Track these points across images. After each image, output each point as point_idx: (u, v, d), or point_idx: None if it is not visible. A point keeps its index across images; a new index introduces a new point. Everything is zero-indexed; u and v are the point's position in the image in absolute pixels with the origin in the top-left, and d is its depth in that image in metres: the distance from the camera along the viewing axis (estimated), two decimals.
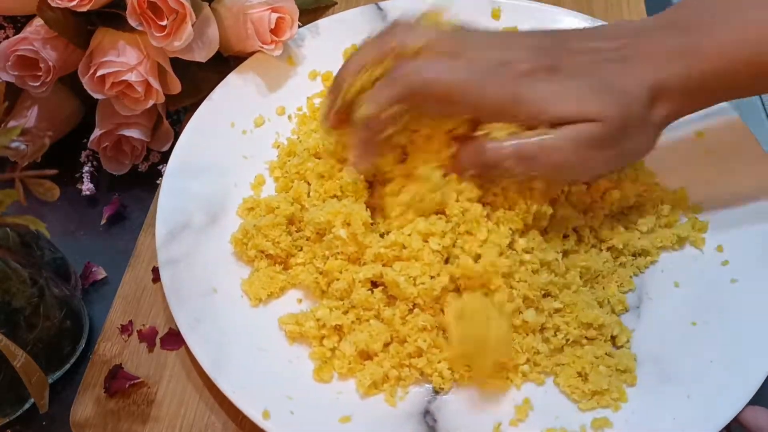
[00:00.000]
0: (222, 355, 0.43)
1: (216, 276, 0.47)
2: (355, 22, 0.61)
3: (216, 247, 0.49)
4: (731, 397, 0.41)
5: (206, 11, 0.53)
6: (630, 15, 0.66)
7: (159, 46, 0.50)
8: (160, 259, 0.46)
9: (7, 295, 0.40)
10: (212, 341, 0.44)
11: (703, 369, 0.43)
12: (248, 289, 0.47)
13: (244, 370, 0.43)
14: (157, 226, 0.48)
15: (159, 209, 0.49)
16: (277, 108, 0.57)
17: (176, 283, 0.46)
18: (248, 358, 0.44)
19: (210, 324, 0.44)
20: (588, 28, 0.46)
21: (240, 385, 0.42)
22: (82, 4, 0.48)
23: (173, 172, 0.51)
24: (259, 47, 0.55)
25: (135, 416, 0.44)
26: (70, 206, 0.56)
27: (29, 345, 0.42)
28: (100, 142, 0.54)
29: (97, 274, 0.52)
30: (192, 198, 0.50)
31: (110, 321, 0.48)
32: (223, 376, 0.42)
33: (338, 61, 0.59)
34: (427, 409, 0.42)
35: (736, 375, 0.42)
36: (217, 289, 0.47)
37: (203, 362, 0.42)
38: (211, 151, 0.53)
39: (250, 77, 0.57)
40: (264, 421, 0.40)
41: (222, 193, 0.51)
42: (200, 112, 0.54)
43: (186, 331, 0.43)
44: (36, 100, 0.54)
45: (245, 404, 0.41)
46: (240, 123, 0.55)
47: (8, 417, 0.44)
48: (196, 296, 0.46)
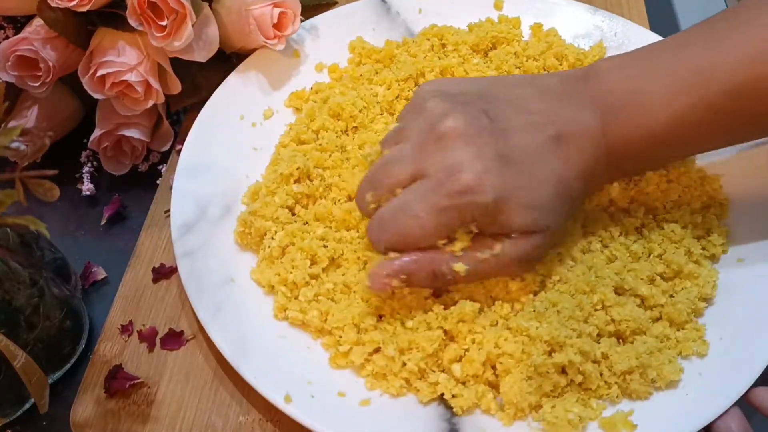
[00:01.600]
0: (242, 342, 0.43)
1: (232, 266, 0.48)
2: (360, 14, 0.62)
3: (231, 237, 0.49)
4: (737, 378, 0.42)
5: (206, 11, 0.53)
6: (630, 14, 0.66)
7: (159, 46, 0.50)
8: (177, 252, 0.47)
9: (7, 295, 0.40)
10: (232, 330, 0.44)
11: (715, 345, 0.43)
12: (258, 277, 0.47)
13: (264, 356, 0.43)
14: (172, 219, 0.48)
15: (173, 203, 0.49)
16: (285, 100, 0.57)
17: (194, 274, 0.46)
18: (268, 345, 0.44)
19: (229, 313, 0.45)
20: (515, 81, 0.47)
21: (262, 372, 0.42)
22: (82, 4, 0.48)
23: (185, 165, 0.51)
24: (262, 43, 0.55)
25: (135, 416, 0.44)
26: (70, 206, 0.56)
27: (29, 345, 0.42)
28: (100, 142, 0.54)
29: (97, 274, 0.52)
30: (205, 190, 0.50)
31: (110, 321, 0.48)
32: (244, 364, 0.42)
33: (344, 53, 0.60)
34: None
35: (742, 355, 0.42)
36: (235, 278, 0.47)
37: (225, 351, 0.43)
38: (221, 144, 0.53)
39: (258, 71, 0.57)
40: (286, 406, 0.40)
41: (234, 184, 0.51)
42: (209, 105, 0.55)
43: (207, 320, 0.44)
44: (36, 100, 0.54)
45: (267, 390, 0.41)
46: (249, 116, 0.56)
47: (8, 417, 0.44)
48: (215, 286, 0.46)
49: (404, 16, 0.63)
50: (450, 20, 0.61)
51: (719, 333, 0.44)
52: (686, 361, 0.43)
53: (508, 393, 0.41)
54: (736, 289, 0.46)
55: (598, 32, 0.61)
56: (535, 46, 0.58)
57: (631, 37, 0.60)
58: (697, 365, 0.43)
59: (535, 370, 0.40)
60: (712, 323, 0.45)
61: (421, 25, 0.61)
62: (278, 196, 0.48)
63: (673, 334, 0.44)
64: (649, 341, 0.43)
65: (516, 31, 0.60)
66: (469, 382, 0.42)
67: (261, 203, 0.48)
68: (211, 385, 0.45)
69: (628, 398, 0.42)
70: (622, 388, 0.42)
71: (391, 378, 0.42)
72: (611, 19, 0.61)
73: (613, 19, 0.61)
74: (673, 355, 0.43)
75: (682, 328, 0.44)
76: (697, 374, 0.42)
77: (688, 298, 0.44)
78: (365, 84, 0.57)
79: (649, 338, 0.43)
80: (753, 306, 0.45)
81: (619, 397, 0.42)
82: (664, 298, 0.45)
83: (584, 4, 0.62)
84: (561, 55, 0.58)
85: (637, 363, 0.41)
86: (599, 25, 0.61)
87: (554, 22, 0.61)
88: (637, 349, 0.42)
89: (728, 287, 0.46)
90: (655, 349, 0.42)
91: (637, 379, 0.41)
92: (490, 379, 0.42)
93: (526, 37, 0.61)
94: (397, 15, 0.62)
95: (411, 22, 0.62)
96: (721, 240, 0.48)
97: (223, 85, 0.56)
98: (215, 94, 0.55)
